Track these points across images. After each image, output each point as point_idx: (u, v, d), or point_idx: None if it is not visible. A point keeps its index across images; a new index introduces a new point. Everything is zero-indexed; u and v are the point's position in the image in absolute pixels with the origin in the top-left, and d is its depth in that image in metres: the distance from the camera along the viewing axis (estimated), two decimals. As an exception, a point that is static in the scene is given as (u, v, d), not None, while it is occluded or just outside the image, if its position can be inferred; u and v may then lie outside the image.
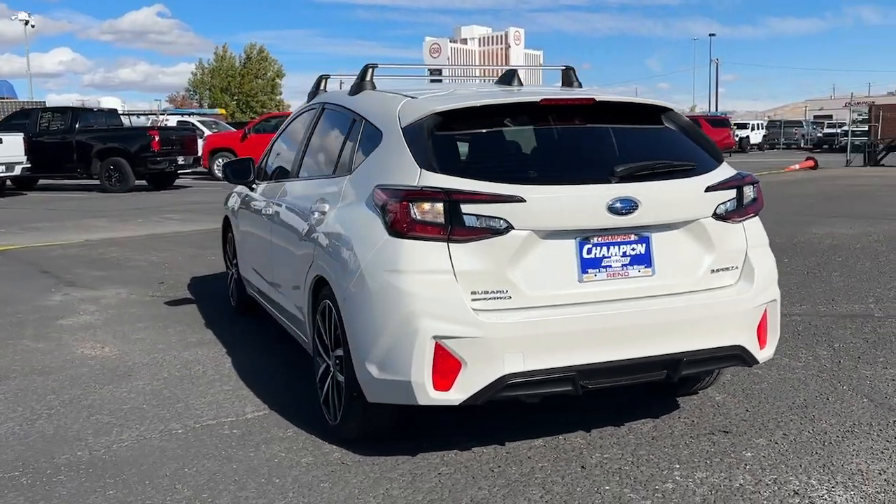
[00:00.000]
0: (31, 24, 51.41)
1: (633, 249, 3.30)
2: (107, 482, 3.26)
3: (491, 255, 3.10)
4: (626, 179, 3.27)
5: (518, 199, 3.09)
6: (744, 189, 3.50)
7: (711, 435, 3.64)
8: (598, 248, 3.24)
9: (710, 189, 3.39)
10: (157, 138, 18.77)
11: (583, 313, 3.17)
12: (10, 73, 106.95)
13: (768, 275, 3.56)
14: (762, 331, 3.51)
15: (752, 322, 3.46)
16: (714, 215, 3.40)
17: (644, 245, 3.31)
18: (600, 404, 3.97)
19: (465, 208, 3.07)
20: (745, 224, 3.53)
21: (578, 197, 3.19)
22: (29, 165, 18.33)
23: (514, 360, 3.07)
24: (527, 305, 3.14)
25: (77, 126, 19.26)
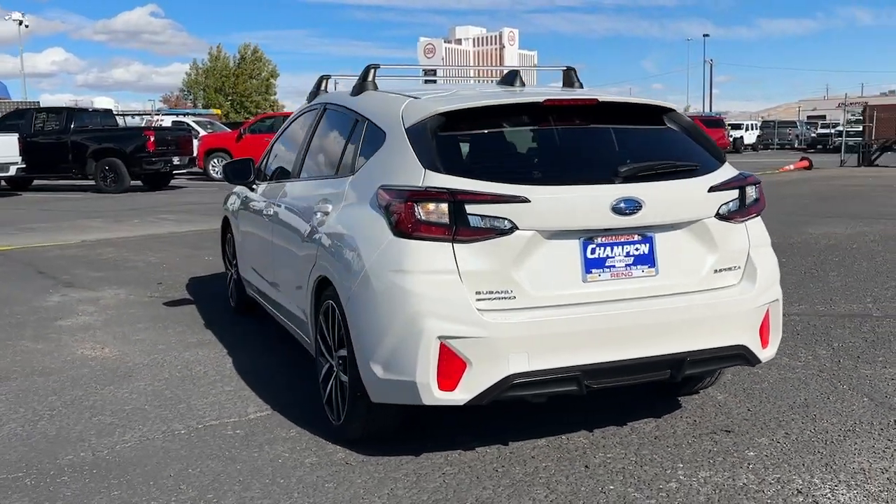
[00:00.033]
0: (24, 25, 51.26)
1: (637, 249, 3.31)
2: (111, 483, 3.25)
3: (495, 255, 3.10)
4: (630, 180, 3.28)
5: (522, 199, 3.10)
6: (746, 189, 3.51)
7: (714, 434, 3.65)
8: (602, 248, 3.25)
9: (713, 189, 3.41)
10: (152, 139, 18.70)
11: (587, 313, 3.18)
12: (3, 73, 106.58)
13: (770, 275, 3.57)
14: (765, 330, 3.53)
15: (754, 322, 3.47)
16: (717, 215, 3.42)
17: (647, 245, 3.32)
18: (602, 404, 3.98)
19: (469, 209, 3.08)
20: (748, 224, 3.55)
21: (582, 197, 3.20)
22: (24, 166, 18.30)
23: (519, 360, 3.08)
24: (531, 305, 3.15)
25: (72, 126, 19.18)
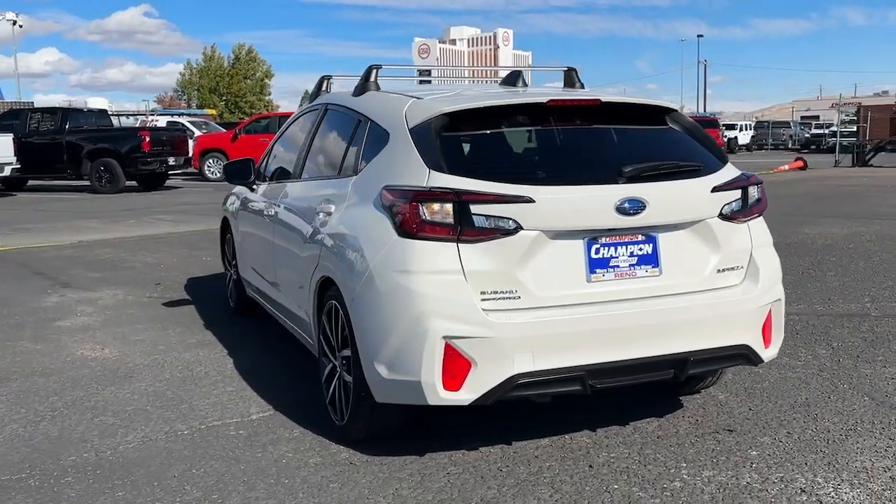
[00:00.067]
0: (18, 25, 51.11)
1: (641, 249, 3.32)
2: (115, 484, 3.25)
3: (500, 255, 3.11)
4: (634, 180, 3.29)
5: (527, 199, 3.10)
6: (749, 189, 3.53)
7: (716, 434, 3.67)
8: (606, 248, 3.26)
9: (716, 189, 3.42)
10: (147, 139, 18.66)
11: (591, 313, 3.19)
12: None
13: (773, 274, 3.59)
14: (767, 330, 3.54)
15: (757, 321, 3.48)
16: (720, 215, 3.43)
17: (651, 245, 3.33)
18: (605, 404, 3.99)
19: (474, 209, 3.08)
20: (750, 224, 3.56)
21: (587, 197, 3.20)
22: (18, 166, 18.20)
23: (524, 359, 3.08)
24: (536, 305, 3.16)
25: (67, 126, 19.15)
